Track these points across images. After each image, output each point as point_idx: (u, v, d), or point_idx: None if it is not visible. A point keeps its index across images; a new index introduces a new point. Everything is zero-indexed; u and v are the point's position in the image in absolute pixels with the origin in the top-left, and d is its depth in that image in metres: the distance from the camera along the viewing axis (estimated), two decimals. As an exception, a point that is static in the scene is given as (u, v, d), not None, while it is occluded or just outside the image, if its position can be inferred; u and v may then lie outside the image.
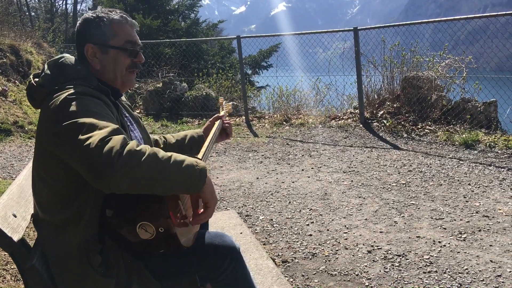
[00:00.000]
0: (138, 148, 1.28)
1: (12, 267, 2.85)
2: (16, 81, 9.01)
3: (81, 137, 1.29)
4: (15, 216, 1.61)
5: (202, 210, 1.48)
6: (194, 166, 1.36)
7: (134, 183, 1.27)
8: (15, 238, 1.51)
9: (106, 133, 1.29)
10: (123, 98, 1.86)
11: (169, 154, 1.34)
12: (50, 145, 1.43)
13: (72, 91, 1.46)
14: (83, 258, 1.49)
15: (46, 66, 1.59)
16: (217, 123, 2.08)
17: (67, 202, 1.49)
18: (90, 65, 1.63)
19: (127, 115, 1.79)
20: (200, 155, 1.67)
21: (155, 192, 1.32)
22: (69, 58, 1.62)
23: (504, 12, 6.00)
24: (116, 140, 1.27)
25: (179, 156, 1.35)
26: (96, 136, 1.27)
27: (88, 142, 1.27)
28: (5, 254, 2.92)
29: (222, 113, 2.24)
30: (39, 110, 1.56)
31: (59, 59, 1.60)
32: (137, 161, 1.26)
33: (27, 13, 23.50)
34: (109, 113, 1.47)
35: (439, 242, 3.24)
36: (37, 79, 1.56)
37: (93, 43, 1.62)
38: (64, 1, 27.82)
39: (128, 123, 1.75)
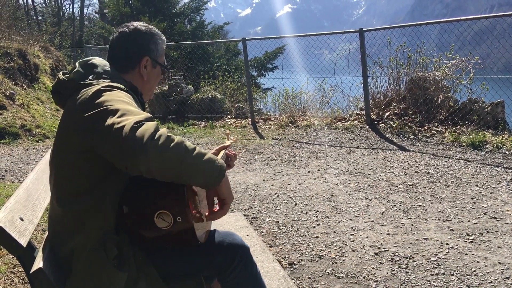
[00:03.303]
0: (169, 134, 1.36)
1: (19, 270, 2.87)
2: (23, 85, 9.07)
3: (115, 120, 1.36)
4: (22, 219, 1.61)
5: (217, 208, 1.53)
6: (215, 160, 1.44)
7: (163, 166, 1.33)
8: (22, 241, 1.52)
9: (141, 118, 1.37)
10: None
11: (194, 145, 1.41)
12: (76, 134, 1.49)
13: (105, 84, 1.56)
14: (101, 248, 1.52)
15: (77, 65, 1.68)
16: (222, 152, 2.08)
17: (86, 193, 1.53)
18: (135, 73, 1.75)
19: None
20: None
21: (180, 179, 1.38)
22: (99, 59, 1.73)
23: (510, 12, 5.97)
24: (150, 125, 1.35)
25: (202, 150, 1.43)
26: (131, 120, 1.35)
27: (122, 124, 1.34)
28: (12, 258, 2.94)
29: (228, 142, 2.23)
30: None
31: (89, 60, 1.71)
32: (167, 145, 1.33)
33: (34, 17, 23.70)
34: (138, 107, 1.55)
35: (447, 244, 3.22)
36: (68, 75, 1.65)
37: (149, 56, 1.77)
38: (71, 5, 28.03)
39: None
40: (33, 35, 12.62)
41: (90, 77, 1.62)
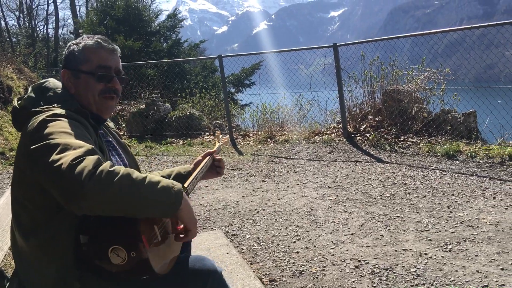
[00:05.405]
0: (111, 169, 1.26)
1: (-8, 298, 2.77)
2: (-4, 107, 8.90)
3: (54, 157, 1.27)
4: (-9, 246, 1.57)
5: (182, 226, 1.46)
6: (170, 187, 1.35)
7: (106, 204, 1.24)
8: (-9, 269, 1.47)
9: (80, 153, 1.28)
10: (111, 125, 1.87)
11: (144, 175, 1.31)
12: (26, 166, 1.42)
13: (50, 112, 1.47)
14: (62, 284, 1.45)
15: (30, 89, 1.63)
16: (207, 159, 2.04)
17: (42, 226, 1.45)
18: (67, 89, 1.67)
19: (110, 139, 1.78)
20: (186, 184, 1.66)
21: (129, 214, 1.30)
22: (53, 82, 1.66)
23: (479, 25, 6.15)
24: (90, 160, 1.25)
25: (154, 178, 1.33)
26: (69, 156, 1.26)
27: (60, 162, 1.25)
28: (-15, 286, 2.84)
29: (216, 147, 2.19)
30: (20, 136, 1.54)
31: (43, 83, 1.65)
32: (110, 181, 1.23)
33: (7, 39, 23.38)
34: (86, 135, 1.46)
35: (425, 254, 3.24)
36: (20, 102, 1.59)
37: (67, 69, 1.67)
38: (45, 26, 27.79)
39: (110, 148, 1.74)
40: (6, 56, 12.43)
41: (42, 102, 1.57)
